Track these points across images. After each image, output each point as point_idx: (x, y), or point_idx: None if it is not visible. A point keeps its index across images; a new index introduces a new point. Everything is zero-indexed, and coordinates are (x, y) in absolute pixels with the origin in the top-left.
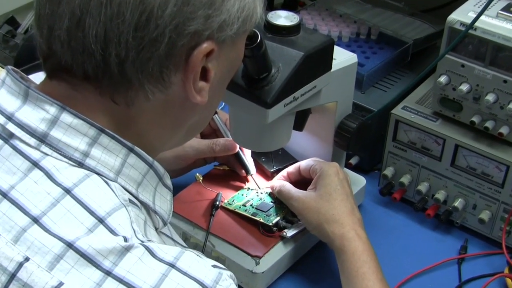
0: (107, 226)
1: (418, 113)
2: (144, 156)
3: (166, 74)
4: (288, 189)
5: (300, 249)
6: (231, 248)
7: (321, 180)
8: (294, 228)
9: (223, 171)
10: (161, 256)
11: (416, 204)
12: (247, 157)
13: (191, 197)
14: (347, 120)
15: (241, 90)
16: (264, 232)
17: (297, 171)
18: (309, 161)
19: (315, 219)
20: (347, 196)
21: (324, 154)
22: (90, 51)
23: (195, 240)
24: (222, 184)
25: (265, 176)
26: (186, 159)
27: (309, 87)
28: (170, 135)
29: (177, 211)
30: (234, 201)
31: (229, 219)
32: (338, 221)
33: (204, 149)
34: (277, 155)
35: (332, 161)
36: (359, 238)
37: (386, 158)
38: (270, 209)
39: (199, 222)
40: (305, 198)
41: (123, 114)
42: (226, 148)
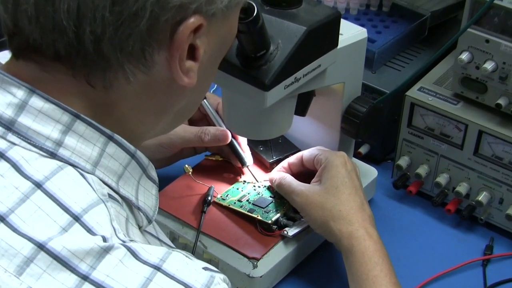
0: (83, 224)
1: (437, 95)
2: (125, 145)
3: (149, 52)
4: (289, 182)
5: (303, 250)
6: (225, 249)
7: (327, 171)
8: (296, 226)
9: (216, 162)
10: (145, 258)
11: (434, 198)
12: (243, 146)
13: (180, 191)
14: (356, 104)
15: (235, 70)
16: (263, 231)
17: (300, 162)
18: (313, 150)
19: (320, 216)
20: (356, 189)
21: (330, 142)
22: (62, 28)
23: (184, 240)
24: (214, 177)
25: (263, 168)
26: (170, 148)
27: (312, 66)
28: (154, 121)
29: (164, 207)
30: (228, 196)
31: (223, 216)
32: (346, 218)
33: (191, 138)
34: (277, 144)
35: (339, 150)
36: (369, 237)
37: (400, 147)
38: (269, 205)
39: (189, 220)
40: (308, 192)
41: (100, 98)
42: (216, 138)
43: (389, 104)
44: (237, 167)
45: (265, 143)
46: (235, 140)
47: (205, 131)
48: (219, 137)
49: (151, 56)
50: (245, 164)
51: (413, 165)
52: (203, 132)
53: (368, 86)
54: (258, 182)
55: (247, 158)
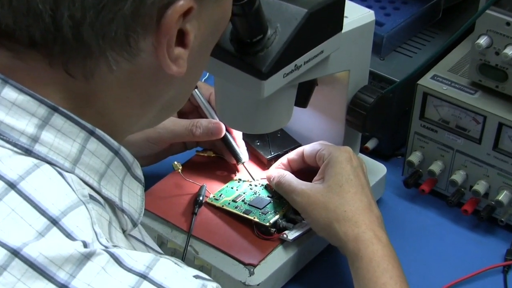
0: (62, 228)
1: (452, 84)
2: (108, 141)
3: (133, 38)
4: (289, 181)
5: (305, 255)
6: (218, 255)
7: (330, 168)
8: (297, 229)
9: (208, 158)
10: (130, 265)
11: (449, 198)
12: (238, 141)
13: (168, 191)
14: (363, 94)
15: (229, 57)
16: (260, 234)
17: (300, 158)
18: (315, 145)
19: (323, 217)
20: (362, 188)
21: (334, 136)
22: (37, 12)
23: (173, 245)
24: (206, 175)
25: (260, 165)
26: (159, 143)
27: (314, 52)
28: (140, 114)
29: (151, 209)
30: (222, 195)
31: (216, 218)
32: (352, 219)
33: (181, 132)
34: (276, 138)
35: (344, 145)
36: (378, 240)
37: (412, 141)
38: (266, 206)
39: (178, 222)
40: (310, 191)
41: (80, 89)
42: (209, 132)
43: (399, 94)
44: (232, 164)
45: (263, 138)
46: (230, 134)
47: (196, 124)
48: (212, 131)
49: (136, 43)
50: (241, 160)
51: (426, 161)
52: (194, 125)
53: (376, 74)
54: (255, 180)
55: (242, 154)
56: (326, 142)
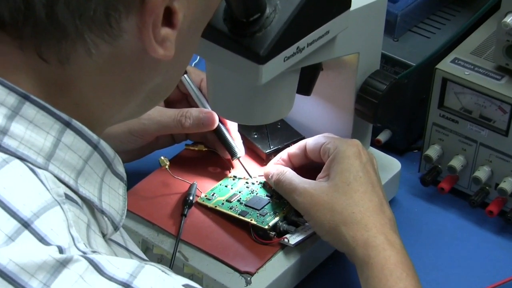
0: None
1: (475, 69)
2: (86, 133)
3: (115, 18)
4: (290, 178)
5: (308, 263)
6: (210, 262)
7: (337, 164)
8: (299, 232)
9: (199, 152)
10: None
11: (472, 197)
12: (233, 133)
13: (154, 190)
14: (374, 80)
15: (222, 38)
16: (258, 238)
17: (303, 153)
18: (319, 138)
19: (328, 220)
20: (373, 186)
21: (341, 127)
22: None
23: (159, 250)
24: (197, 171)
25: (258, 160)
26: (143, 136)
27: (319, 33)
28: (122, 103)
29: (134, 210)
30: (215, 195)
31: (208, 220)
32: (361, 222)
33: (168, 123)
34: (275, 130)
35: (353, 138)
36: (390, 246)
37: (430, 133)
38: (265, 207)
39: (165, 225)
40: (313, 190)
41: (55, 75)
42: (200, 122)
43: (415, 80)
44: (226, 159)
45: (261, 130)
46: (223, 125)
47: (185, 114)
48: (203, 122)
49: (118, 23)
50: (236, 155)
51: (446, 156)
52: (184, 115)
53: (389, 57)
54: (252, 177)
55: (238, 147)
56: (332, 134)
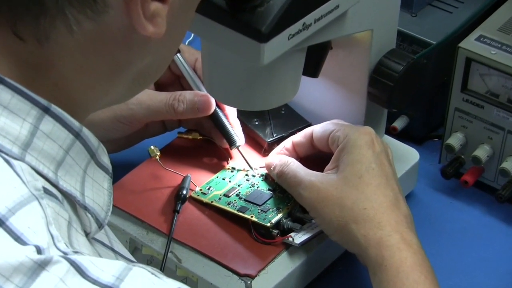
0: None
1: (502, 47)
2: (67, 120)
3: None
4: (295, 170)
5: (315, 265)
6: (206, 264)
7: (347, 154)
8: (305, 231)
9: (193, 141)
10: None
11: (499, 191)
12: (231, 120)
13: (143, 183)
14: (389, 60)
15: (219, 14)
16: (259, 237)
17: (309, 141)
18: (327, 125)
19: (337, 217)
20: (387, 179)
21: (353, 113)
22: None
23: (149, 251)
24: (191, 162)
25: (259, 149)
26: (131, 123)
27: (328, 7)
28: (107, 86)
29: (121, 206)
30: (211, 189)
31: (204, 217)
32: (374, 219)
33: (159, 108)
34: (279, 117)
35: (365, 125)
36: (407, 246)
37: (452, 120)
38: (267, 202)
39: (156, 223)
40: (321, 184)
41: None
42: (194, 107)
43: (435, 60)
44: (223, 149)
45: (262, 116)
46: (221, 110)
47: (178, 98)
48: (198, 106)
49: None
50: (235, 144)
51: (470, 145)
52: (176, 99)
53: (406, 34)
54: (252, 169)
55: (236, 136)
56: (341, 121)
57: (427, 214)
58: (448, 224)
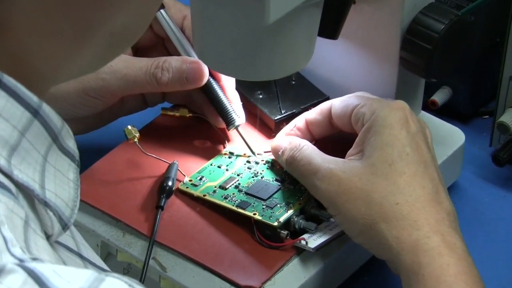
0: None
1: None
2: (23, 94)
3: None
4: (309, 156)
5: (334, 274)
6: (198, 273)
7: (374, 136)
8: (322, 232)
9: (180, 120)
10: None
11: None
12: (229, 93)
13: (118, 172)
14: (427, 17)
15: None
16: (264, 240)
17: (326, 119)
18: (349, 98)
19: (363, 215)
20: (425, 167)
21: (381, 83)
22: None
23: (126, 257)
24: (178, 147)
25: (263, 130)
26: (103, 96)
27: None
28: (73, 51)
29: (90, 201)
30: (203, 179)
31: (194, 215)
32: (408, 217)
33: (138, 78)
34: (288, 89)
35: (397, 98)
36: (449, 250)
37: (506, 92)
38: (274, 196)
39: (134, 222)
40: (342, 173)
41: None
42: (182, 76)
43: (485, 17)
44: (219, 129)
45: (268, 88)
46: (215, 81)
47: (162, 65)
48: (187, 75)
49: None
50: (233, 123)
51: None
52: (160, 67)
53: None
54: (255, 155)
55: (235, 113)
56: (367, 93)
57: (475, 210)
58: (501, 223)
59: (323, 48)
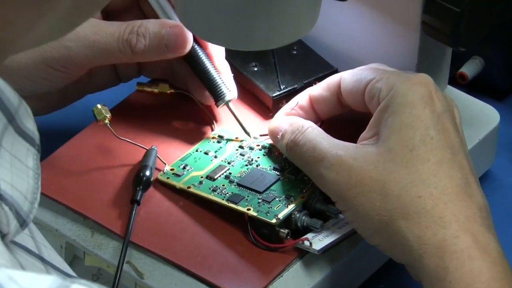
0: None
1: None
2: None
3: None
4: (314, 140)
5: (343, 281)
6: (181, 279)
7: (393, 116)
8: (329, 231)
9: (159, 96)
10: None
11: None
12: (218, 64)
13: (85, 160)
14: None
15: None
16: (260, 240)
17: (334, 96)
18: (362, 71)
19: (378, 210)
20: (453, 153)
21: (400, 53)
22: None
23: (95, 261)
24: (157, 129)
25: (259, 108)
26: (68, 69)
27: None
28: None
29: (53, 194)
30: (188, 168)
31: (176, 211)
32: (433, 213)
33: (110, 46)
34: (289, 59)
35: (419, 71)
36: (481, 253)
37: None
38: (271, 188)
39: (105, 219)
40: (353, 160)
41: None
42: (160, 43)
43: None
44: (205, 107)
45: (265, 59)
46: (202, 49)
47: (137, 31)
48: (168, 42)
49: None
50: (222, 99)
51: None
52: (135, 32)
53: None
54: (251, 136)
55: (225, 86)
56: (383, 65)
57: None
58: None
59: (330, 11)
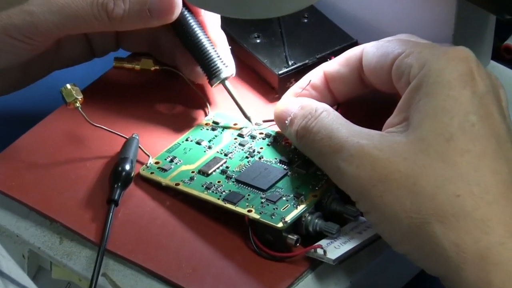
0: None
1: None
2: None
3: None
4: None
5: None
6: None
7: (426, 98)
8: (347, 237)
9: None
10: None
11: None
12: (212, 33)
13: (53, 151)
14: None
15: None
16: (263, 249)
17: (354, 73)
18: (388, 44)
19: (407, 212)
20: (498, 143)
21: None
22: None
23: (64, 273)
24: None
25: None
26: (32, 39)
27: None
28: None
29: (13, 192)
30: (176, 160)
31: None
32: (474, 215)
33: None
34: (298, 30)
35: (456, 44)
36: None
37: None
38: (277, 185)
39: (76, 223)
40: (378, 151)
41: None
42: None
43: None
44: (197, 87)
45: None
46: (192, 17)
47: None
48: (151, 6)
49: None
50: (218, 76)
51: None
52: None
53: None
54: (252, 123)
55: (221, 60)
56: (414, 36)
57: None
58: None
59: None
